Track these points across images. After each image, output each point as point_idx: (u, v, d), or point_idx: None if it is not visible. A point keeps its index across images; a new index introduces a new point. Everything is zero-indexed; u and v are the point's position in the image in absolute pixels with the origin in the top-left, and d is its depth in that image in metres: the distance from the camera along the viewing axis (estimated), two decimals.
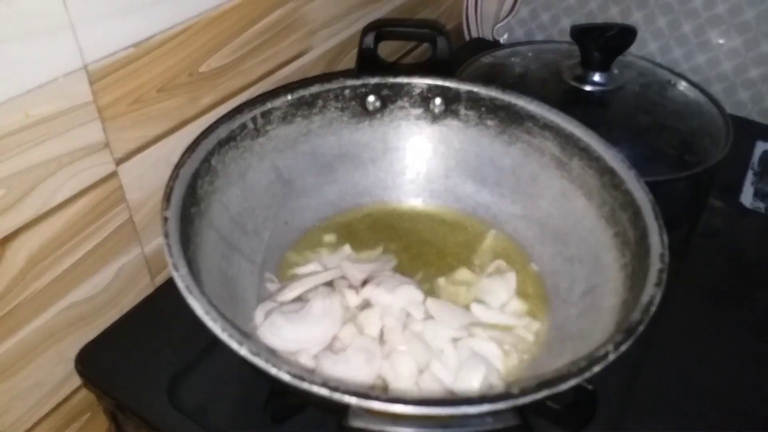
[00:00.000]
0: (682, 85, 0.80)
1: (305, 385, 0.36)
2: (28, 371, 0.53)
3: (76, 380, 0.57)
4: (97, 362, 0.55)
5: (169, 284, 0.42)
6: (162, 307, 0.59)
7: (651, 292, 0.42)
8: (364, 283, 0.53)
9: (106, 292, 0.58)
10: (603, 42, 0.74)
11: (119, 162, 0.54)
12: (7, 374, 0.51)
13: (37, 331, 0.53)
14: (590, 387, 0.46)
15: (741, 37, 0.88)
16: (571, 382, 0.36)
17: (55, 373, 0.56)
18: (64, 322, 0.55)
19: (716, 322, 0.61)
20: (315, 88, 0.59)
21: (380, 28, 0.64)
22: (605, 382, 0.49)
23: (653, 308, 0.41)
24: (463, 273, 0.59)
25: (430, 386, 0.47)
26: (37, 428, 0.56)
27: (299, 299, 0.52)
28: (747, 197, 0.76)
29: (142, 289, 0.62)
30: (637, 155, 0.68)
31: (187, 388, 0.53)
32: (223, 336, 0.38)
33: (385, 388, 0.47)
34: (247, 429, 0.51)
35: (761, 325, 0.61)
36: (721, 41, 0.90)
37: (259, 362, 0.37)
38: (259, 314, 0.50)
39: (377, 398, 0.34)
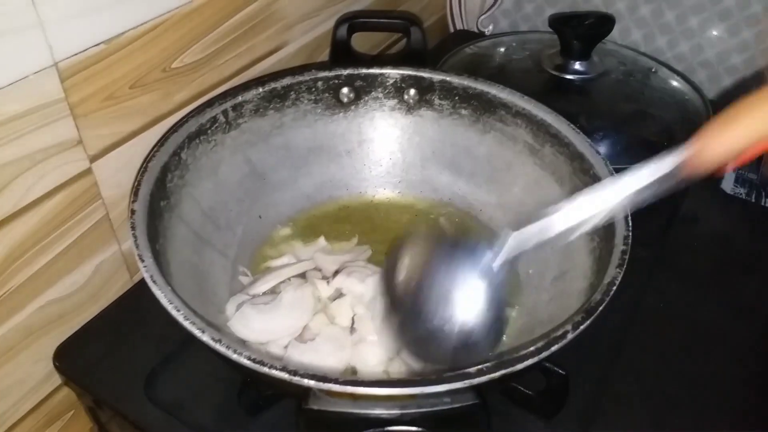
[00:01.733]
0: (665, 73, 0.80)
1: (265, 370, 0.36)
2: (7, 369, 0.53)
3: (57, 379, 0.57)
4: (76, 359, 0.56)
5: None
6: (140, 304, 0.58)
7: (613, 273, 0.42)
8: (337, 273, 0.53)
9: (84, 290, 0.58)
10: (581, 30, 0.74)
11: (93, 159, 0.54)
12: None
13: (14, 329, 0.53)
14: (562, 372, 0.46)
15: (723, 23, 0.88)
16: (528, 362, 0.36)
17: (35, 371, 0.56)
18: (43, 319, 0.55)
19: (696, 307, 0.61)
20: (287, 81, 0.59)
21: (353, 20, 0.64)
22: (580, 369, 0.49)
23: (614, 289, 0.41)
24: None
25: (399, 372, 0.47)
26: (19, 427, 0.57)
27: (272, 291, 0.52)
28: (728, 183, 0.75)
29: (121, 286, 0.62)
30: (618, 143, 0.68)
31: (164, 382, 0.53)
32: (186, 323, 0.39)
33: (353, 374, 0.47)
34: (223, 422, 0.51)
35: (741, 311, 0.61)
36: (703, 28, 0.89)
37: (220, 348, 0.37)
38: (230, 307, 0.50)
39: (335, 381, 0.35)
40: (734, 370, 0.56)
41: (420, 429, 0.35)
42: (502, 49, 0.85)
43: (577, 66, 0.75)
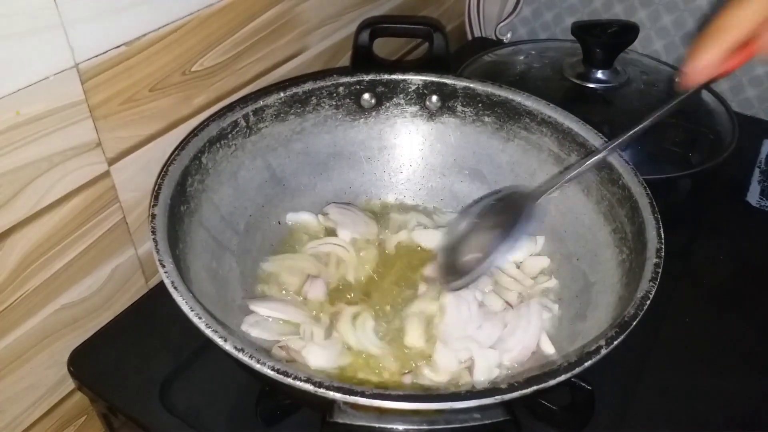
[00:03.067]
0: None
1: (289, 381, 0.35)
2: (22, 373, 0.53)
3: (71, 383, 0.57)
4: (90, 364, 0.55)
5: (164, 285, 0.41)
6: (156, 309, 0.58)
7: (646, 287, 0.41)
8: None
9: (100, 294, 0.58)
10: (604, 38, 0.73)
11: (112, 162, 0.54)
12: (0, 376, 0.51)
13: (29, 332, 0.52)
14: (588, 387, 0.45)
15: None
16: (561, 378, 0.34)
17: (49, 375, 0.56)
18: (58, 323, 0.54)
19: (720, 322, 0.60)
20: (308, 86, 0.59)
21: (375, 25, 0.63)
22: (605, 383, 0.48)
23: (647, 303, 0.40)
24: None
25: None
26: (32, 431, 0.56)
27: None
28: (753, 196, 0.74)
29: (137, 290, 0.61)
30: (641, 153, 0.67)
31: (180, 390, 0.52)
32: (207, 331, 0.38)
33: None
34: (238, 431, 0.50)
35: (766, 326, 0.59)
36: None
37: (243, 358, 0.36)
38: (245, 326, 0.50)
39: (362, 393, 0.34)
40: (760, 386, 0.54)
41: None
42: (522, 57, 0.84)
43: (600, 75, 0.74)
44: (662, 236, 0.45)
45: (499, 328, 0.51)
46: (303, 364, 0.47)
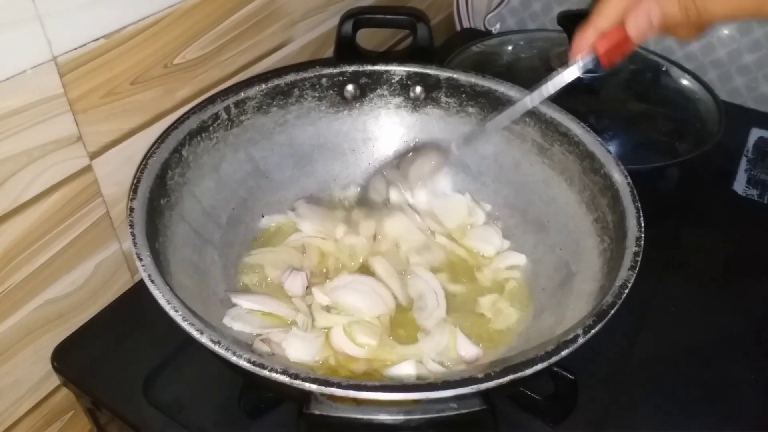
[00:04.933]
0: (675, 72, 0.79)
1: (265, 373, 0.35)
2: (6, 369, 0.53)
3: (56, 379, 0.57)
4: (74, 359, 0.55)
5: None
6: (140, 304, 0.57)
7: (624, 275, 0.41)
8: None
9: (84, 289, 0.57)
10: None
11: (94, 156, 0.54)
12: None
13: (13, 328, 0.52)
14: (571, 377, 0.45)
15: (735, 23, 0.86)
16: (537, 367, 0.34)
17: (33, 371, 0.55)
18: (42, 318, 0.54)
19: (707, 310, 0.60)
20: (290, 77, 0.59)
21: (358, 16, 0.63)
22: (589, 373, 0.48)
23: (626, 291, 0.40)
24: None
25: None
26: (17, 427, 0.56)
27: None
28: (740, 185, 0.74)
29: (122, 285, 0.61)
30: (627, 142, 0.67)
31: (164, 384, 0.52)
32: (184, 324, 0.38)
33: None
34: (223, 424, 0.50)
35: (753, 314, 0.60)
36: (714, 27, 0.88)
37: (219, 350, 0.36)
38: (227, 319, 0.50)
39: (338, 385, 0.34)
40: (745, 374, 0.54)
41: None
42: (510, 48, 0.84)
43: None
44: (642, 225, 0.45)
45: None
46: (284, 357, 0.47)
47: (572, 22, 0.72)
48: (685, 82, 0.77)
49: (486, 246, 0.59)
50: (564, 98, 0.59)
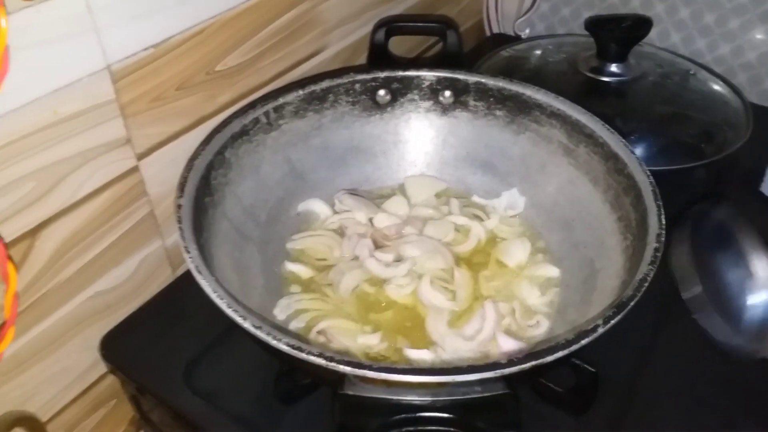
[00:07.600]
0: (704, 75, 0.79)
1: (303, 356, 0.37)
2: (56, 357, 0.56)
3: (102, 368, 0.60)
4: (120, 348, 0.58)
5: (189, 275, 0.44)
6: (181, 296, 0.61)
7: (645, 270, 0.42)
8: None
9: (129, 282, 0.61)
10: (617, 33, 0.74)
11: (140, 157, 0.57)
12: (36, 359, 0.54)
13: (64, 318, 0.55)
14: (592, 369, 0.46)
15: (765, 25, 0.86)
16: (558, 354, 0.36)
17: (82, 359, 0.59)
18: (90, 310, 0.57)
19: None
20: (325, 83, 0.61)
21: (390, 24, 0.65)
22: (611, 367, 0.49)
23: (645, 285, 0.41)
24: None
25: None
26: (66, 412, 0.59)
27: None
28: (767, 186, 0.74)
29: (164, 279, 0.64)
30: (654, 144, 0.68)
31: (204, 372, 0.55)
32: (229, 311, 0.40)
33: None
34: (259, 410, 0.52)
35: None
36: (744, 30, 0.88)
37: (260, 334, 0.39)
38: (278, 311, 0.53)
39: (370, 367, 0.36)
40: (766, 371, 0.55)
41: (450, 416, 0.36)
42: (538, 52, 0.85)
43: (614, 68, 0.75)
44: (663, 222, 0.46)
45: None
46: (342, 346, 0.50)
47: (600, 27, 0.74)
48: (714, 85, 0.78)
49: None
50: (591, 101, 0.61)
